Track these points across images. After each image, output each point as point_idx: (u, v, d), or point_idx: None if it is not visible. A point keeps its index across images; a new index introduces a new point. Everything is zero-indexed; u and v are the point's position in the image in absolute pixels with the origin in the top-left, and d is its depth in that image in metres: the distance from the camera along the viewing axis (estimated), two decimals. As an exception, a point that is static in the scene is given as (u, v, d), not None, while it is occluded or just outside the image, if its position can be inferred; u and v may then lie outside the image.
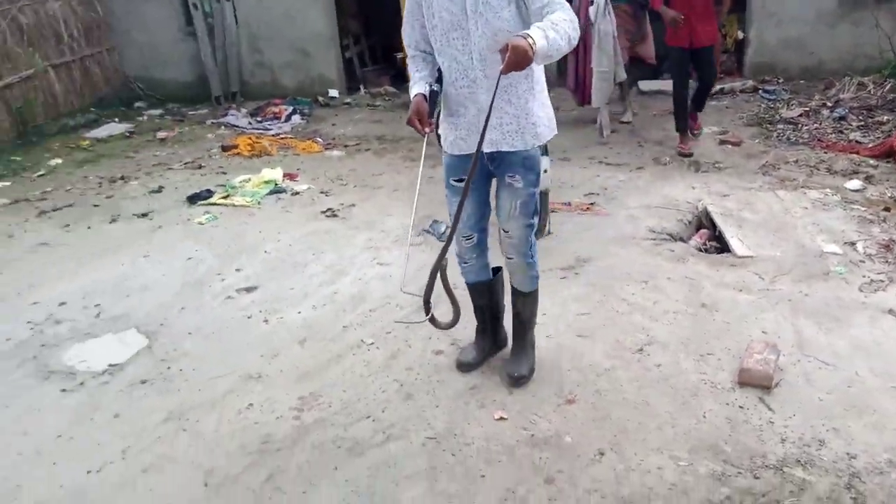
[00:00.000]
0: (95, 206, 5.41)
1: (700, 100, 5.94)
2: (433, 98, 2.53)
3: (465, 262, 2.90)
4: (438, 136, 2.76)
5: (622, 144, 6.15)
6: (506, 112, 2.53)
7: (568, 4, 2.38)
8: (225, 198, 5.33)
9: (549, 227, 4.32)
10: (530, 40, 2.12)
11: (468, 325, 3.04)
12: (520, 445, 2.55)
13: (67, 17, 8.00)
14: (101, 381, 3.10)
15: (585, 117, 7.17)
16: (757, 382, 2.77)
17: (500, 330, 3.10)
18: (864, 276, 3.57)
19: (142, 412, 2.87)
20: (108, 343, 3.40)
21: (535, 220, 2.74)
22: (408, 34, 2.66)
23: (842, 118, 6.33)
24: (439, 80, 2.62)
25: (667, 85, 7.78)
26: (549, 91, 2.71)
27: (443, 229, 4.40)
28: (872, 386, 2.74)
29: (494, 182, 2.76)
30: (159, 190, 5.70)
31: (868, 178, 4.90)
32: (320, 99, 8.51)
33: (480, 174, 2.64)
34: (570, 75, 6.81)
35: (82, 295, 3.90)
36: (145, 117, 8.38)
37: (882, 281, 3.52)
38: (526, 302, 2.89)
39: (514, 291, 2.88)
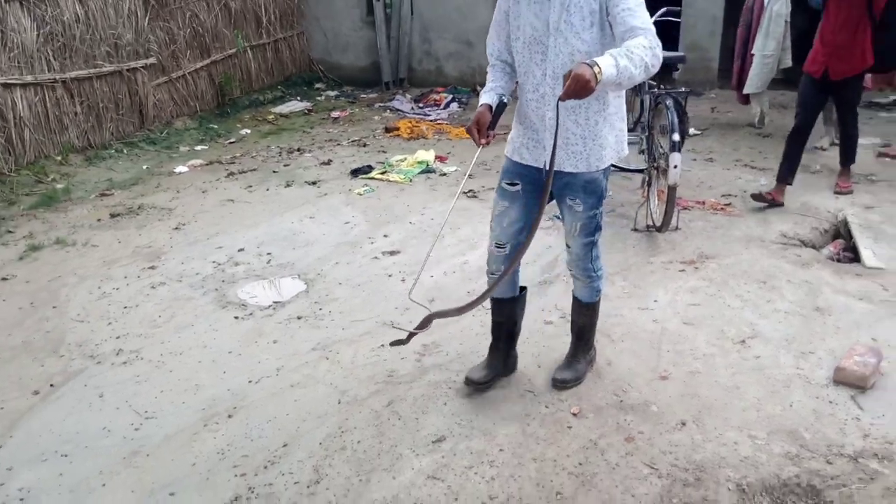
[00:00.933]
0: (274, 171, 6.23)
1: (843, 148, 5.01)
2: (499, 110, 2.53)
3: (493, 274, 2.84)
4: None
5: (773, 149, 6.05)
6: (573, 133, 2.52)
7: (653, 30, 2.31)
8: (382, 174, 5.94)
9: (678, 222, 4.47)
10: (596, 69, 2.08)
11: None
12: (608, 408, 2.83)
13: (268, 3, 9.06)
14: (266, 314, 3.73)
15: (741, 120, 7.10)
16: (852, 382, 2.85)
17: (513, 352, 3.06)
18: None
19: (295, 341, 3.45)
20: (274, 284, 4.06)
21: (598, 236, 2.73)
22: (492, 43, 2.67)
23: None
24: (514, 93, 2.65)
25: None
26: (709, 91, 2.87)
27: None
28: (977, 402, 2.73)
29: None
30: (328, 162, 6.44)
31: None
32: (479, 88, 8.99)
33: (532, 187, 2.65)
34: (734, 74, 6.75)
35: (257, 244, 4.62)
36: (323, 97, 9.31)
37: None
38: (583, 312, 2.93)
39: (575, 301, 2.94)
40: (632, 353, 3.18)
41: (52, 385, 3.15)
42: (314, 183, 5.87)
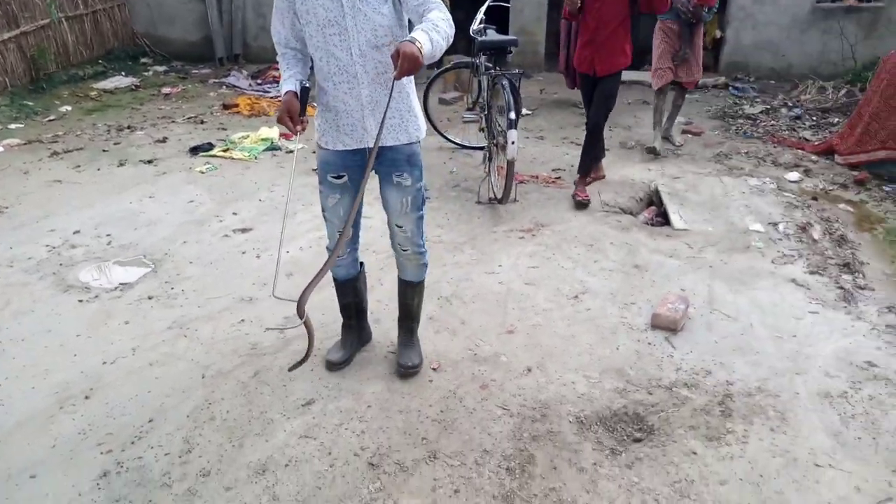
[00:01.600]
0: (104, 150, 5.88)
1: (585, 148, 4.91)
2: (304, 95, 2.48)
3: (338, 258, 2.84)
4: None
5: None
6: (390, 107, 2.46)
7: (442, 2, 2.41)
8: (224, 151, 5.81)
9: (516, 195, 4.84)
10: (418, 44, 2.14)
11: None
12: (463, 361, 3.09)
13: (82, -30, 8.38)
14: (113, 296, 3.61)
15: (566, 100, 7.68)
16: (665, 326, 3.32)
17: (366, 325, 3.17)
18: (778, 252, 4.12)
19: (148, 321, 3.38)
20: (118, 266, 3.90)
21: (425, 211, 2.78)
22: (277, 31, 2.56)
23: (797, 118, 6.88)
24: (310, 77, 2.58)
25: (645, 76, 8.32)
26: (537, 74, 3.06)
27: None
28: (760, 335, 3.30)
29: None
30: (164, 140, 6.17)
31: (806, 171, 5.46)
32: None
33: (358, 171, 2.63)
34: (561, 61, 7.30)
35: (94, 226, 4.39)
36: (150, 73, 8.81)
37: (792, 256, 4.07)
38: (416, 292, 2.97)
39: (405, 283, 2.96)
40: (482, 312, 3.47)
41: None
42: (150, 161, 5.62)
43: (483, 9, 5.12)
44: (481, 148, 5.23)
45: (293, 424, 2.67)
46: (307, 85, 2.50)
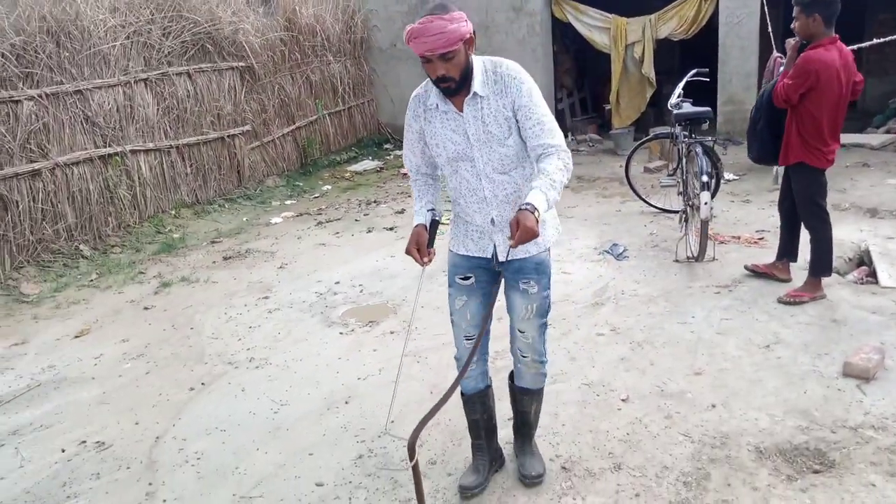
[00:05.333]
0: (356, 220, 7.13)
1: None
2: (433, 228, 2.58)
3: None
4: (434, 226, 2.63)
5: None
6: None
7: (562, 139, 2.43)
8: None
9: (714, 254, 5.10)
10: (536, 214, 2.22)
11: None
12: (651, 395, 3.47)
13: (343, 75, 10.21)
14: (365, 330, 4.52)
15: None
16: (857, 374, 3.42)
17: (497, 446, 3.01)
18: None
19: (390, 349, 4.21)
20: (368, 308, 4.85)
21: (548, 318, 2.75)
22: (409, 159, 2.68)
23: None
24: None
25: (867, 139, 8.07)
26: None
27: (621, 250, 5.38)
28: (965, 388, 3.27)
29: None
30: (402, 211, 7.31)
31: None
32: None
33: (485, 275, 2.67)
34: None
35: (350, 278, 5.44)
36: (391, 156, 10.30)
37: None
38: (534, 400, 2.89)
39: (522, 391, 2.88)
40: (671, 356, 3.82)
41: (202, 384, 3.97)
42: (391, 229, 6.72)
43: (681, 84, 5.56)
44: (678, 211, 5.57)
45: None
46: (437, 217, 2.62)
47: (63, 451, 3.44)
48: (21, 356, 4.56)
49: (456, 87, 2.38)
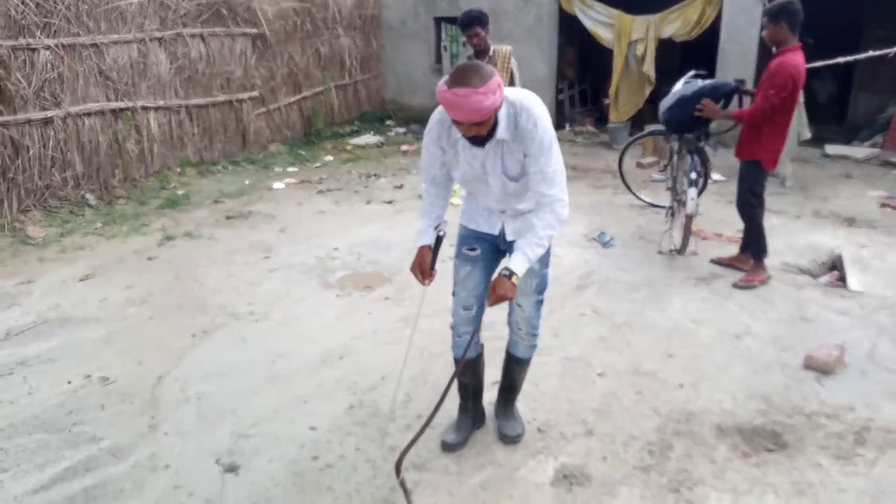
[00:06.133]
0: (356, 192, 7.32)
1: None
2: (437, 247, 2.74)
3: (460, 336, 2.98)
4: (439, 240, 2.80)
5: (791, 198, 6.91)
6: (521, 209, 2.75)
7: (560, 189, 2.59)
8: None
9: (696, 248, 5.35)
10: (514, 278, 2.50)
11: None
12: (625, 373, 3.72)
13: (351, 49, 10.36)
14: (361, 295, 4.73)
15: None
16: (818, 367, 3.68)
17: (481, 407, 3.25)
18: (958, 320, 4.23)
19: (384, 314, 4.43)
20: (365, 275, 5.07)
21: (545, 295, 2.92)
22: (426, 169, 2.80)
23: None
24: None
25: (853, 151, 8.33)
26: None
27: (608, 239, 5.62)
28: (915, 387, 3.55)
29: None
30: (401, 186, 7.51)
31: None
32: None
33: (491, 249, 2.87)
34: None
35: (348, 245, 5.65)
36: (393, 133, 10.48)
37: (973, 325, 4.16)
38: (522, 367, 3.11)
39: (514, 359, 3.09)
40: (648, 339, 4.07)
41: (204, 332, 4.19)
42: (390, 202, 6.92)
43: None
44: (665, 206, 5.81)
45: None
46: (441, 235, 2.77)
47: (69, 382, 3.65)
48: (27, 294, 4.74)
49: (483, 140, 2.50)
